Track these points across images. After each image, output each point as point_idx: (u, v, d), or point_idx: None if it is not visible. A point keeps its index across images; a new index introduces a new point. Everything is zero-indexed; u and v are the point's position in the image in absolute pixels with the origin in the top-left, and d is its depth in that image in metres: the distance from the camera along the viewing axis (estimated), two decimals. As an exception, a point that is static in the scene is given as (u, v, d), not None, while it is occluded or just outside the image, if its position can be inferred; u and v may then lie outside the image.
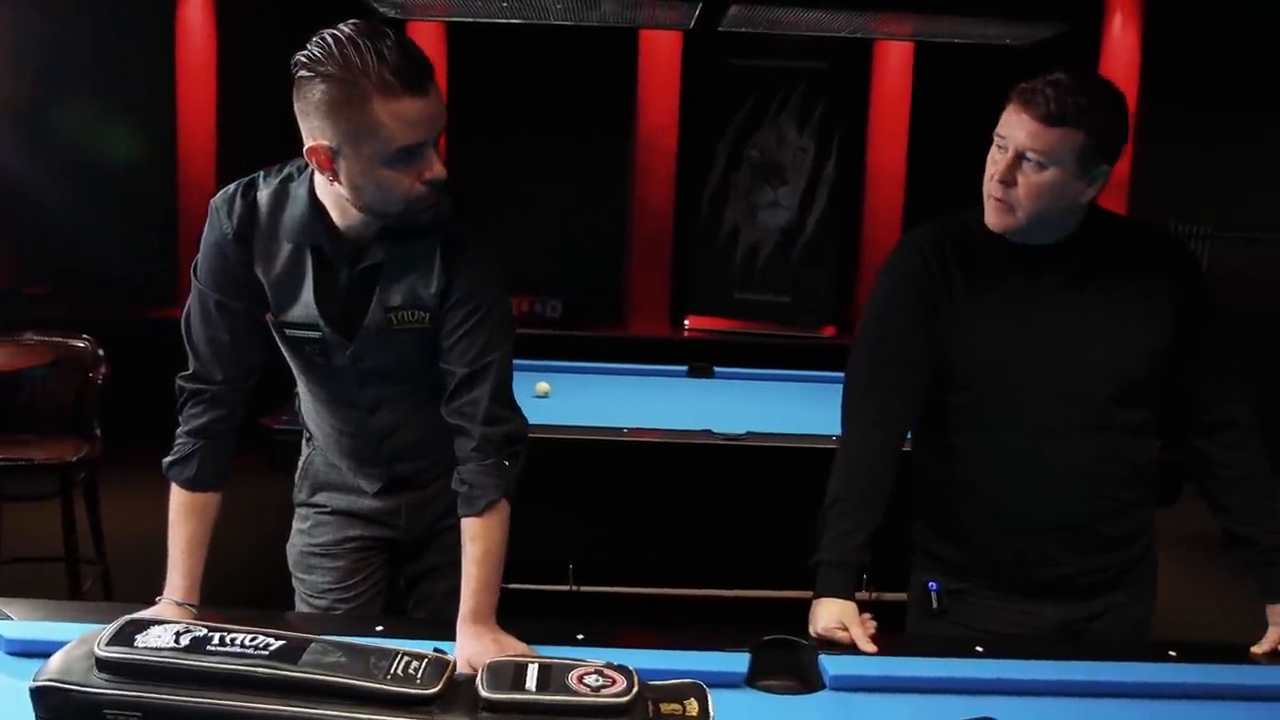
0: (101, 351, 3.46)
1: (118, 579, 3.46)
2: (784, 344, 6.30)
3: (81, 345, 3.48)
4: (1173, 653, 1.74)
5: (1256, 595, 1.85)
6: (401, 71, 1.52)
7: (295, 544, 2.03)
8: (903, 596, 2.04)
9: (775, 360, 5.10)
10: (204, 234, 1.76)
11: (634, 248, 6.75)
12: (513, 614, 3.42)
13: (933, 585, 1.93)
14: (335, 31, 1.55)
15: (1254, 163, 6.29)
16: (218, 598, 2.10)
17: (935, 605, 1.92)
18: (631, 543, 3.55)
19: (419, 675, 1.37)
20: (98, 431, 3.42)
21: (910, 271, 1.85)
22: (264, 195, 1.73)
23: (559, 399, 3.96)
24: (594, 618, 3.41)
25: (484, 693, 1.36)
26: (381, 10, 3.93)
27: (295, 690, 1.35)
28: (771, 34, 5.62)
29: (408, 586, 2.09)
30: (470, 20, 4.64)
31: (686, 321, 6.68)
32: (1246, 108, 6.18)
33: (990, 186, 1.78)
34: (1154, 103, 6.24)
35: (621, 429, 3.41)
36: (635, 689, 1.37)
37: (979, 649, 1.73)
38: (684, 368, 4.58)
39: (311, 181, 1.70)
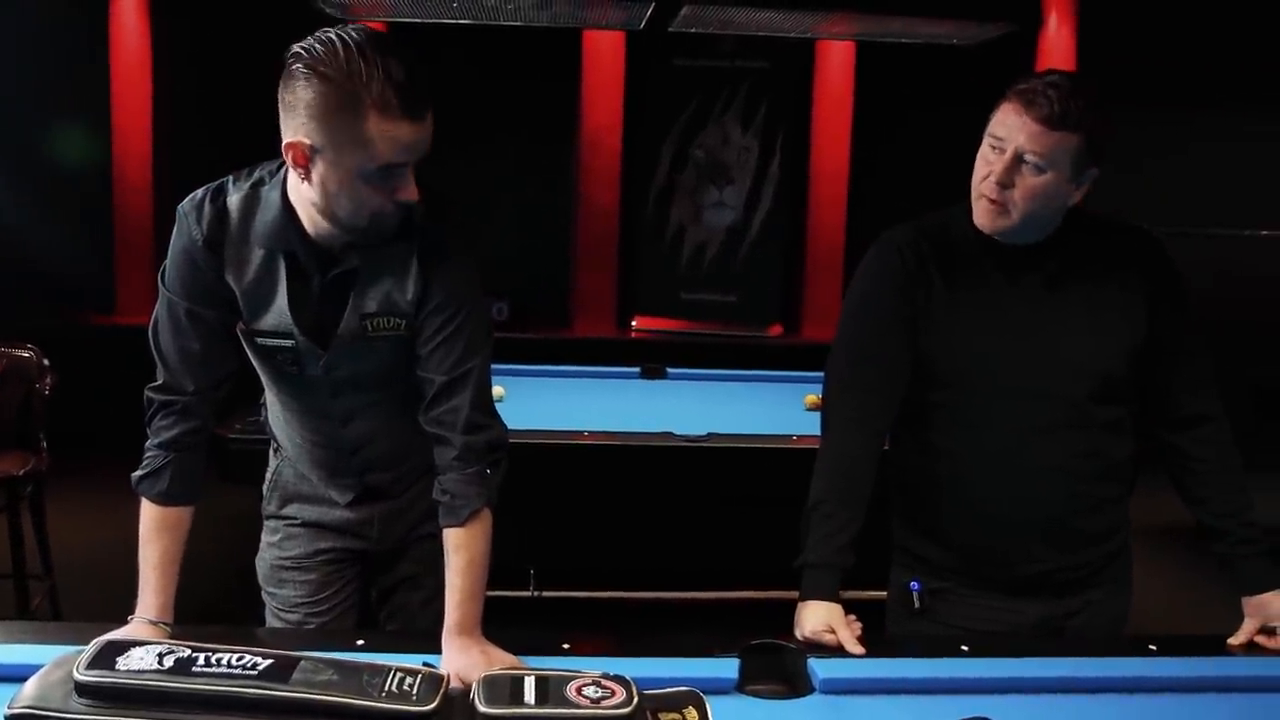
0: (46, 361, 3.34)
1: (65, 594, 3.34)
2: (732, 343, 6.32)
3: (26, 355, 3.36)
4: (1153, 647, 1.77)
5: (1228, 587, 1.88)
6: (404, 93, 1.49)
7: (265, 557, 1.98)
8: (879, 594, 2.04)
9: (723, 360, 5.10)
10: (172, 240, 1.69)
11: (580, 248, 6.72)
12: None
13: (914, 585, 1.93)
14: (344, 34, 1.50)
15: (1189, 159, 6.44)
16: (181, 613, 2.04)
17: (916, 605, 1.92)
18: (593, 547, 3.53)
19: (414, 691, 1.34)
20: (44, 444, 3.30)
21: (888, 271, 1.85)
22: (234, 200, 1.67)
23: (512, 402, 3.91)
24: (557, 623, 3.42)
25: (482, 708, 1.33)
26: (321, 7, 3.84)
27: (288, 710, 1.31)
28: (715, 34, 5.63)
29: (379, 598, 2.04)
30: (413, 21, 4.55)
31: (634, 322, 6.67)
32: (1180, 104, 6.32)
33: (984, 187, 1.78)
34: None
35: (582, 432, 3.38)
36: (635, 699, 1.35)
37: (964, 648, 1.73)
38: (636, 369, 4.56)
39: (284, 186, 1.65)
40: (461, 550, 1.65)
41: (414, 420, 1.74)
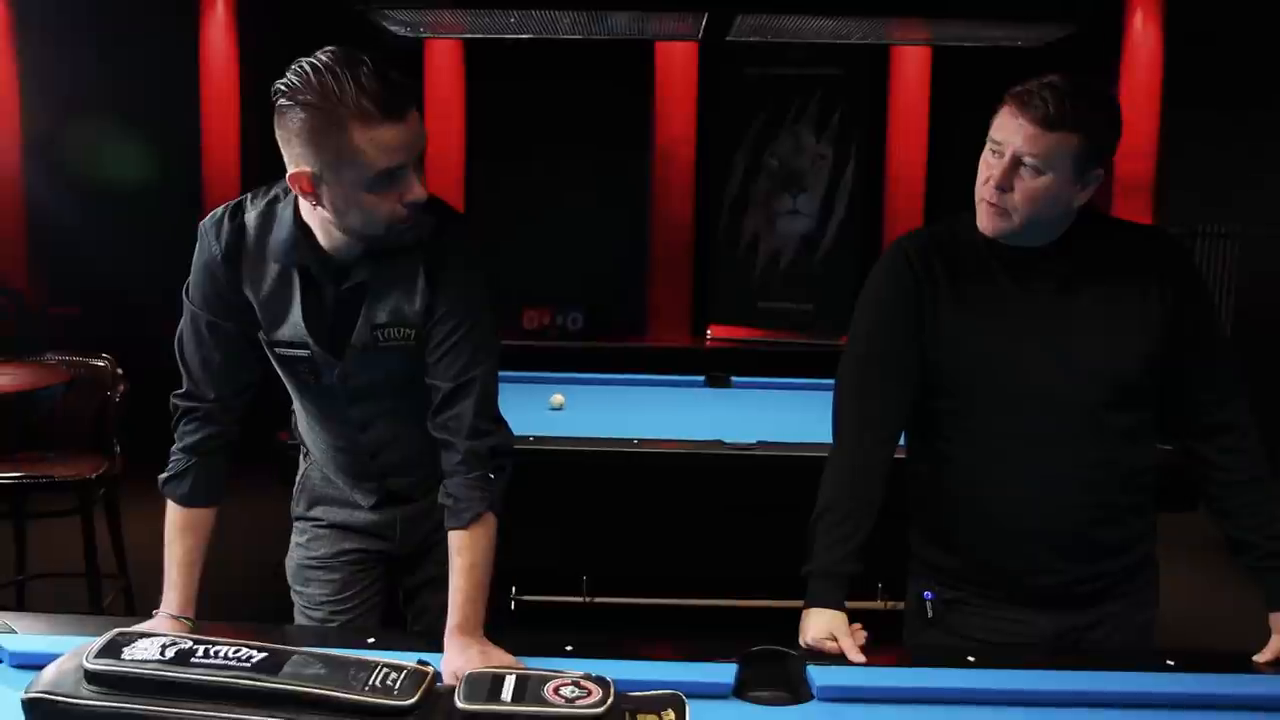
0: (120, 370, 3.52)
1: (140, 593, 3.51)
2: (806, 352, 6.28)
3: (101, 365, 3.55)
4: (1170, 661, 1.72)
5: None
6: (378, 98, 1.54)
7: (293, 557, 2.06)
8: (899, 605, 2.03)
9: (797, 369, 5.07)
10: (195, 256, 1.79)
11: (655, 258, 6.77)
12: (529, 625, 3.44)
13: (927, 595, 1.92)
14: (313, 59, 1.58)
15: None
16: (230, 610, 2.13)
17: (929, 614, 1.90)
18: (645, 553, 3.55)
19: (396, 686, 1.39)
20: (117, 448, 3.48)
21: (896, 278, 1.84)
22: (251, 217, 1.76)
23: (574, 411, 3.98)
24: (608, 628, 3.45)
25: (460, 704, 1.37)
26: (394, 29, 3.97)
27: (275, 701, 1.37)
28: (786, 42, 5.62)
29: (406, 598, 2.11)
30: (486, 37, 4.66)
31: (709, 331, 6.68)
32: (1272, 105, 6.10)
33: (984, 191, 1.77)
34: (1176, 101, 6.19)
35: (632, 440, 3.41)
36: (610, 699, 1.38)
37: (970, 659, 1.71)
38: (702, 378, 4.58)
39: (296, 203, 1.73)
40: (464, 552, 1.70)
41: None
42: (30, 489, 3.39)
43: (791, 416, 3.98)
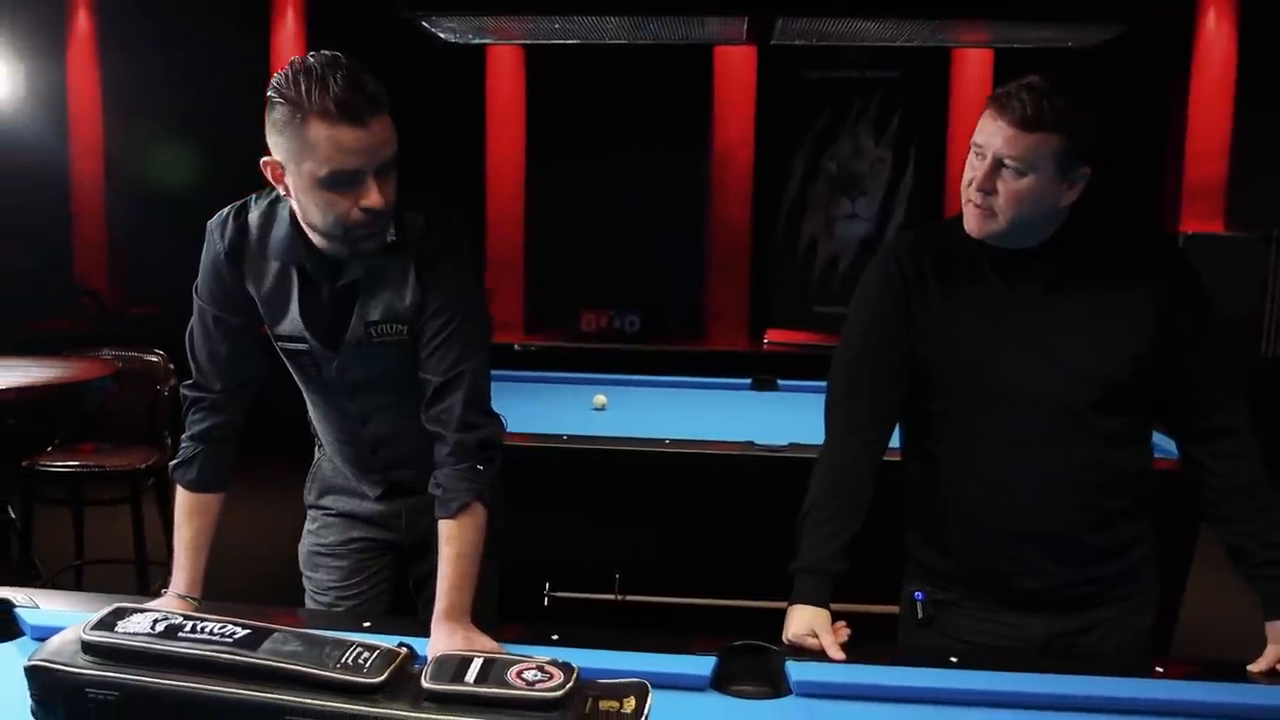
0: (172, 365, 3.67)
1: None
2: (862, 357, 6.25)
3: (154, 360, 3.71)
4: (1160, 669, 1.70)
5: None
6: (340, 101, 1.61)
7: (304, 544, 2.14)
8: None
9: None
10: (202, 254, 1.88)
11: (712, 262, 6.80)
12: (561, 621, 3.49)
13: (918, 595, 1.92)
14: (300, 60, 1.67)
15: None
16: (251, 593, 2.21)
17: (920, 615, 1.91)
18: (676, 553, 3.58)
19: (367, 665, 1.44)
20: (169, 440, 3.63)
21: (885, 278, 1.85)
22: (254, 216, 1.85)
23: (615, 411, 4.02)
24: (637, 627, 3.48)
25: (425, 683, 1.42)
26: (444, 36, 4.07)
27: (252, 675, 1.43)
28: (844, 45, 5.61)
29: (417, 587, 2.17)
30: (533, 43, 4.74)
31: (766, 335, 6.68)
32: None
33: (969, 193, 1.78)
34: (1250, 100, 6.03)
35: (664, 440, 3.44)
36: (570, 685, 1.42)
37: (953, 659, 1.71)
38: (748, 380, 4.58)
39: None
40: (452, 541, 1.75)
41: None
42: (86, 478, 3.56)
43: (828, 419, 3.97)
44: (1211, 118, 6.09)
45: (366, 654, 1.47)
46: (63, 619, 1.78)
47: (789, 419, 3.95)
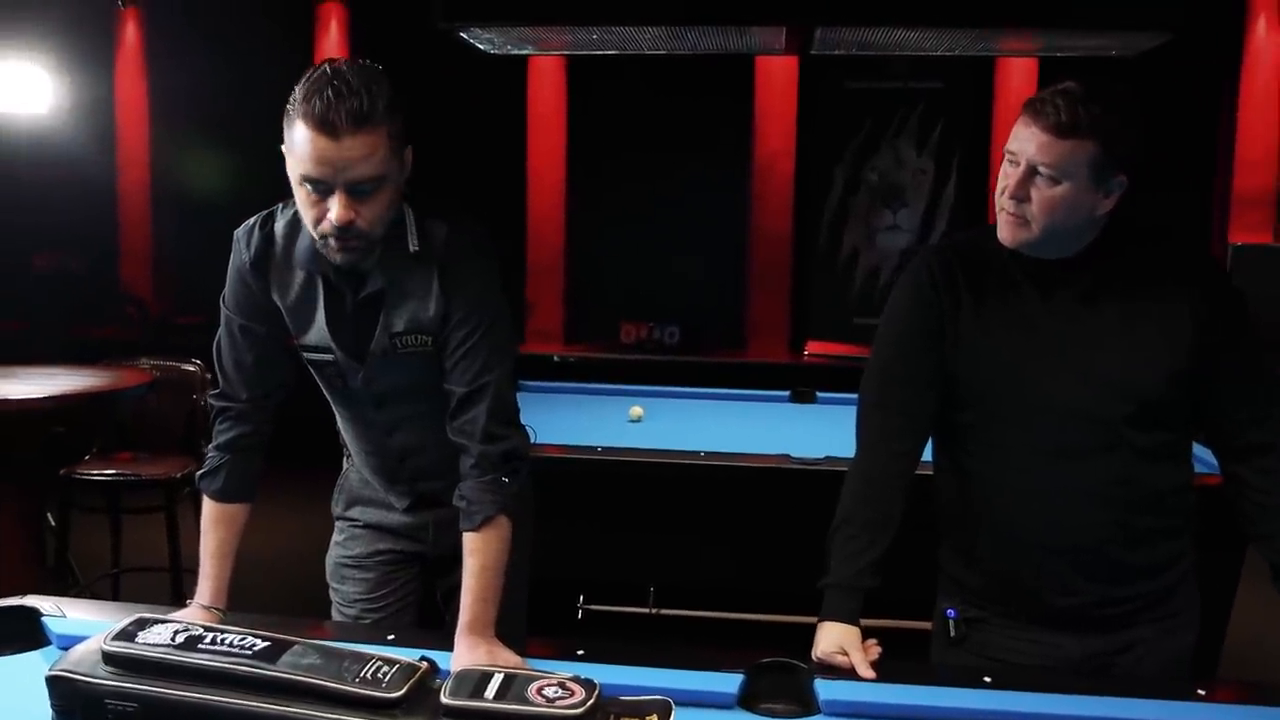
0: (209, 375, 3.69)
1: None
2: (903, 369, 6.17)
3: (191, 369, 3.74)
4: (1201, 691, 1.64)
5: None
6: (321, 111, 1.62)
7: (331, 555, 2.14)
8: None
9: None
10: (230, 263, 1.89)
11: (753, 273, 6.76)
12: (595, 634, 3.46)
13: (950, 613, 1.87)
14: (321, 65, 1.69)
15: None
16: (276, 601, 2.20)
17: (952, 633, 1.86)
18: (712, 567, 3.54)
19: (386, 679, 1.43)
20: (205, 449, 3.64)
21: (917, 289, 1.82)
22: (280, 226, 1.85)
23: (651, 423, 4.00)
24: (673, 641, 3.45)
25: (445, 699, 1.41)
26: (481, 47, 4.08)
27: (270, 688, 1.43)
28: (886, 55, 5.55)
29: (444, 600, 2.15)
30: (569, 54, 4.74)
31: (806, 347, 6.63)
32: None
33: (1003, 201, 1.74)
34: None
35: (699, 452, 3.41)
36: (591, 702, 1.39)
37: (987, 679, 1.67)
38: (786, 393, 4.54)
39: None
40: (476, 554, 1.74)
41: None
42: (123, 486, 3.59)
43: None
44: (1261, 126, 5.97)
45: (386, 668, 1.45)
46: (89, 628, 1.78)
47: (827, 432, 3.90)
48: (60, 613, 1.85)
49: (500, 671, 1.47)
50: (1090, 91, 1.64)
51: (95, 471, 3.56)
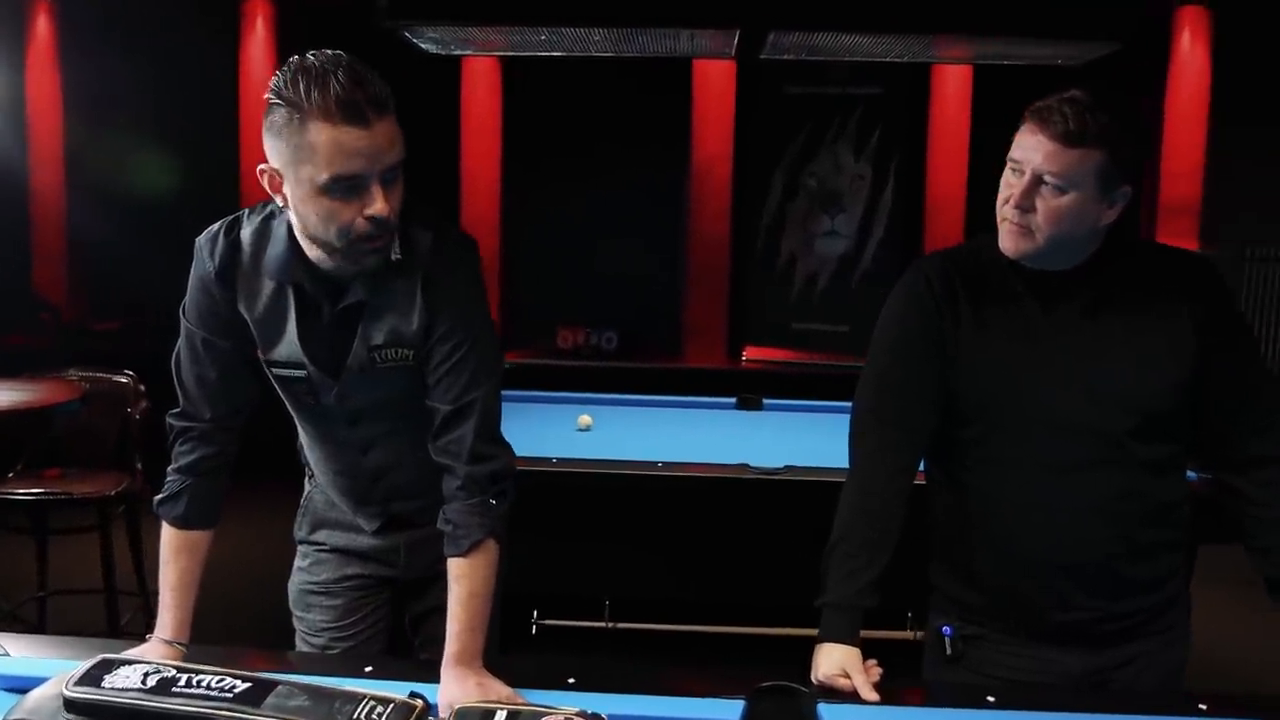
0: (142, 387, 3.52)
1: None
2: (843, 375, 6.16)
3: (123, 381, 3.55)
4: (1203, 706, 1.62)
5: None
6: (342, 101, 1.51)
7: (295, 581, 2.02)
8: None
9: (834, 391, 4.95)
10: (191, 273, 1.76)
11: (690, 278, 6.72)
12: (550, 649, 3.37)
13: (946, 630, 1.84)
14: (299, 61, 1.56)
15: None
16: (233, 632, 2.08)
17: (949, 651, 1.82)
18: (669, 579, 3.49)
19: (382, 720, 1.34)
20: (139, 465, 3.47)
21: (916, 300, 1.77)
22: (247, 233, 1.72)
23: (601, 432, 3.93)
24: (630, 655, 3.39)
25: (448, 741, 1.32)
26: (425, 47, 3.96)
27: (256, 734, 1.32)
28: (825, 60, 5.55)
29: (413, 625, 2.05)
30: (516, 55, 4.65)
31: (744, 352, 6.62)
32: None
33: (1006, 211, 1.70)
34: (1224, 120, 6.06)
35: (656, 463, 3.35)
36: (604, 739, 1.32)
37: (990, 698, 1.63)
38: (732, 399, 4.51)
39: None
40: (463, 580, 1.65)
41: None
42: (51, 505, 3.39)
43: (821, 440, 3.88)
44: (1186, 137, 6.11)
45: (381, 708, 1.36)
46: (38, 668, 1.64)
47: (781, 440, 3.89)
48: (3, 650, 1.71)
49: (502, 708, 1.40)
50: (1097, 100, 1.61)
51: (22, 490, 3.34)
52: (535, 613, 3.47)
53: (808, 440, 3.86)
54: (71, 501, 3.35)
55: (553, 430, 3.85)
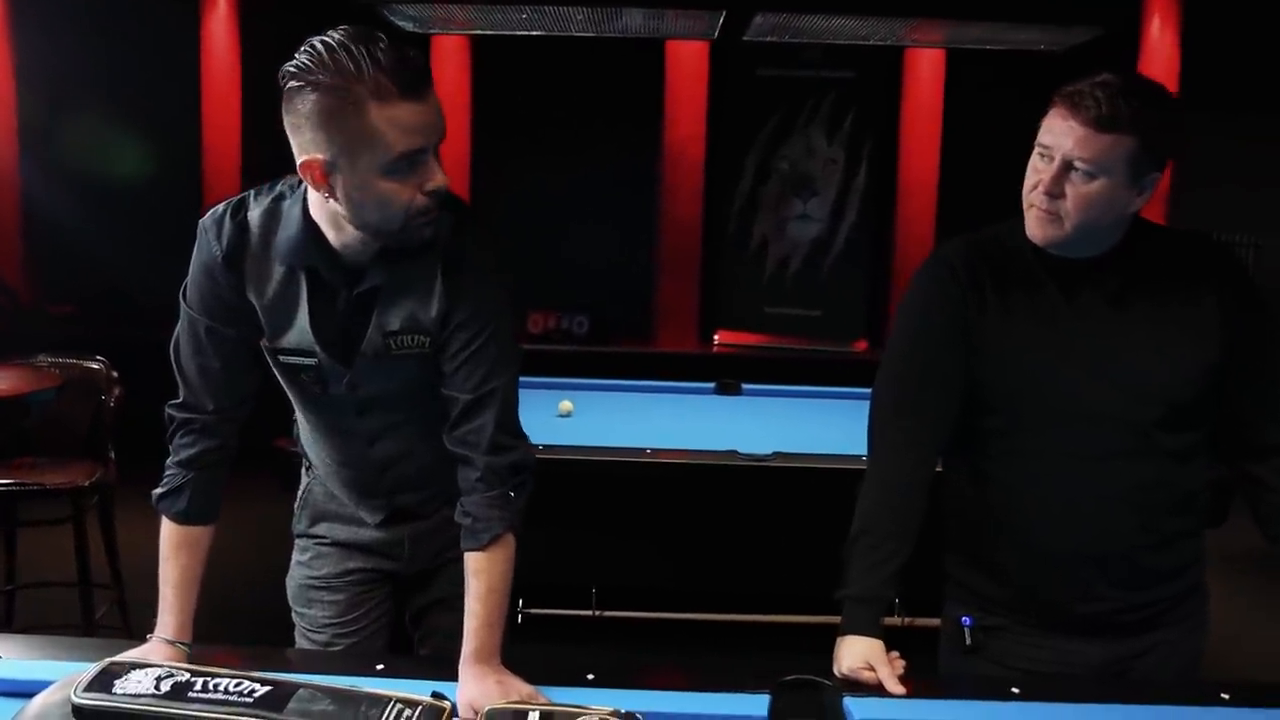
0: (115, 374, 3.40)
1: (134, 605, 3.39)
2: (815, 359, 6.19)
3: (95, 367, 3.43)
4: (1225, 695, 1.62)
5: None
6: (397, 75, 1.44)
7: (294, 576, 1.95)
8: (935, 622, 1.92)
9: (806, 376, 4.98)
10: (193, 257, 1.68)
11: (662, 262, 6.67)
12: (536, 639, 3.33)
13: (966, 621, 1.81)
14: (325, 38, 1.47)
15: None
16: (224, 628, 2.01)
17: (968, 642, 1.80)
18: (656, 567, 3.46)
19: (412, 725, 1.29)
20: (112, 454, 3.36)
21: (940, 287, 1.74)
22: (255, 215, 1.64)
23: (582, 417, 3.88)
24: (617, 644, 3.35)
25: (483, 745, 1.28)
26: (400, 24, 3.87)
27: (279, 742, 1.27)
28: (799, 43, 5.52)
29: (413, 620, 2.00)
30: (494, 33, 4.56)
31: (716, 337, 6.59)
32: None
33: (1034, 197, 1.66)
34: (1194, 106, 6.09)
35: (644, 449, 3.32)
36: (641, 741, 1.28)
37: (1015, 690, 1.62)
38: (712, 384, 4.48)
39: (305, 200, 1.61)
40: (482, 575, 1.60)
41: (443, 439, 1.69)
42: (21, 496, 3.28)
43: (807, 426, 3.89)
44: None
45: (409, 711, 1.32)
46: (30, 671, 1.57)
47: (767, 426, 3.86)
48: (-7, 651, 1.64)
49: (535, 709, 1.35)
50: (1129, 85, 1.58)
51: (-10, 482, 3.22)
52: (520, 602, 3.42)
53: (793, 426, 3.84)
54: (43, 492, 3.24)
55: (532, 416, 3.74)
